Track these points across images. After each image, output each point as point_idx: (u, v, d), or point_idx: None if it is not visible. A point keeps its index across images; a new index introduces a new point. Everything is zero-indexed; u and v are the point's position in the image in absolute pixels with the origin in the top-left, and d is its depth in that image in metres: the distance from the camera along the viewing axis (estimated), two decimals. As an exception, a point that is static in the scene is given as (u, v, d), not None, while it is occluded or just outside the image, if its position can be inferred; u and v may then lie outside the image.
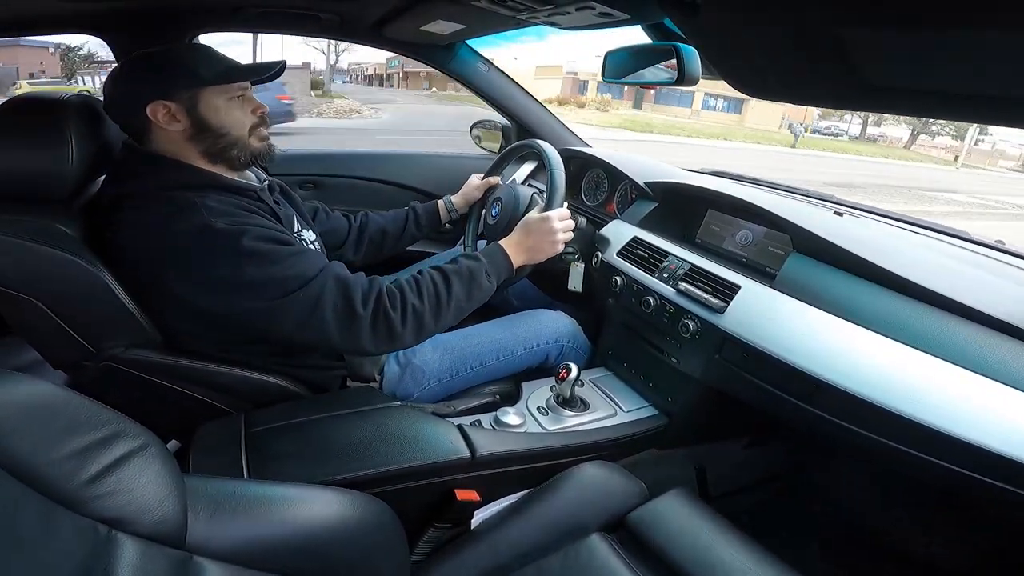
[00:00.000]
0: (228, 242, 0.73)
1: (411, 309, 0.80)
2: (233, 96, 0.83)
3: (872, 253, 0.81)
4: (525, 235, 0.99)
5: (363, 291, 0.79)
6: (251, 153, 0.86)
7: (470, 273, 0.87)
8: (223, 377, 0.83)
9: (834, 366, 0.74)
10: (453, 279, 0.85)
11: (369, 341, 0.78)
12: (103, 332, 0.76)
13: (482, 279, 0.88)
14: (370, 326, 0.77)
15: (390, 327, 0.78)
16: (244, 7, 1.19)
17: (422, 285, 0.83)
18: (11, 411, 0.41)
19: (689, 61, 0.93)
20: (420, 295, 0.82)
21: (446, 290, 0.84)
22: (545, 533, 0.78)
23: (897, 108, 0.51)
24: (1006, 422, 0.61)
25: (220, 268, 0.73)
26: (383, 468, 0.76)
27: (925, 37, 0.36)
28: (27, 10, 1.03)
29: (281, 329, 0.77)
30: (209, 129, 0.81)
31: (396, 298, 0.80)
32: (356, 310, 0.77)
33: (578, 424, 0.99)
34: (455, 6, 1.02)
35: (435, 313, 0.82)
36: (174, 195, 0.76)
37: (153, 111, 0.77)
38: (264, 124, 0.88)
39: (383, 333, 0.78)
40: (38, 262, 0.69)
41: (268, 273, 0.74)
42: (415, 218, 1.26)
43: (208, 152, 0.82)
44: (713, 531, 0.77)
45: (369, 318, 0.77)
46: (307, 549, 0.54)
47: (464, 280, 0.86)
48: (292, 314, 0.75)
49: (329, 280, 0.77)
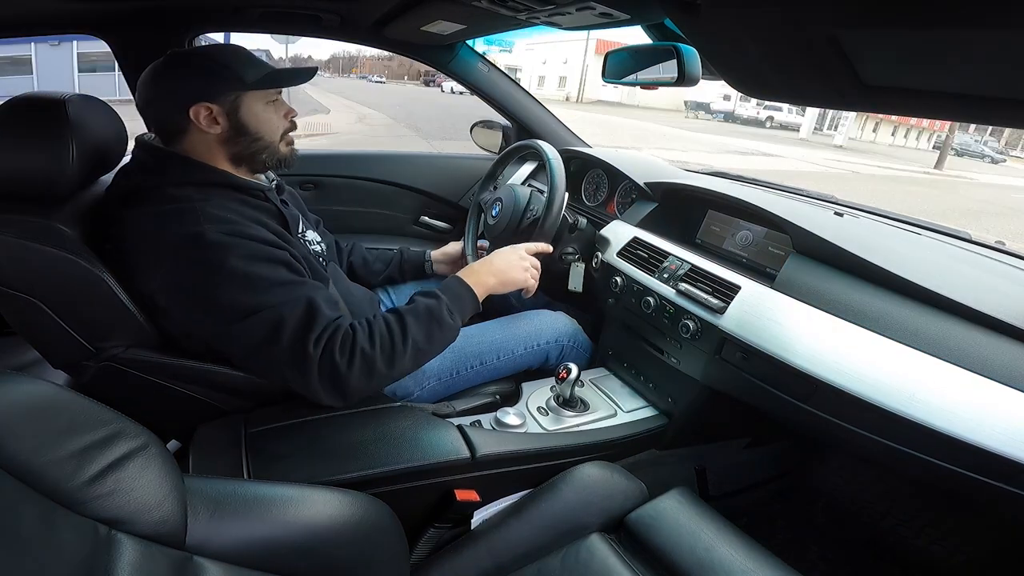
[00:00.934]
0: (214, 256, 0.71)
1: (360, 354, 0.73)
2: (270, 100, 0.84)
3: (872, 254, 0.81)
4: (491, 263, 0.95)
5: (317, 331, 0.73)
6: (278, 158, 0.87)
7: (428, 313, 0.81)
8: (223, 377, 0.83)
9: (834, 367, 0.74)
10: (409, 321, 0.79)
11: (316, 383, 0.73)
12: (103, 332, 0.76)
13: (443, 317, 0.82)
14: (317, 368, 0.72)
15: (337, 372, 0.72)
16: (245, 7, 1.19)
17: (375, 329, 0.76)
18: (11, 411, 0.41)
19: (689, 61, 0.93)
20: (371, 340, 0.75)
21: (401, 333, 0.77)
22: (545, 533, 0.78)
23: (896, 108, 0.51)
24: (1006, 422, 0.61)
25: (195, 278, 0.72)
26: (383, 468, 0.76)
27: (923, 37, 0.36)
28: (27, 10, 1.03)
29: (231, 352, 0.77)
30: (247, 133, 0.81)
31: (347, 343, 0.74)
32: (307, 349, 0.72)
33: (578, 424, 0.99)
34: (455, 6, 1.02)
35: (388, 359, 0.76)
36: (178, 194, 0.76)
37: (196, 112, 0.77)
38: (293, 128, 0.89)
39: (329, 377, 0.73)
40: (38, 262, 0.69)
41: (239, 299, 0.72)
42: (399, 261, 1.26)
43: (237, 155, 0.83)
44: (713, 531, 0.77)
45: (317, 360, 0.72)
46: (307, 549, 0.54)
47: (422, 321, 0.80)
48: (243, 339, 0.73)
49: (298, 309, 0.73)
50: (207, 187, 0.78)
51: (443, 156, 1.82)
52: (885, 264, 0.79)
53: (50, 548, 0.38)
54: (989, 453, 0.61)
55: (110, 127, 0.82)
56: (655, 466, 1.04)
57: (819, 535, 1.17)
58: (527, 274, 0.99)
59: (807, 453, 1.28)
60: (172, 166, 0.79)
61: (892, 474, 1.18)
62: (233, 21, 1.29)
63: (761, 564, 0.72)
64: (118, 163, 0.85)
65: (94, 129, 0.78)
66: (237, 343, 0.75)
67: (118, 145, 0.83)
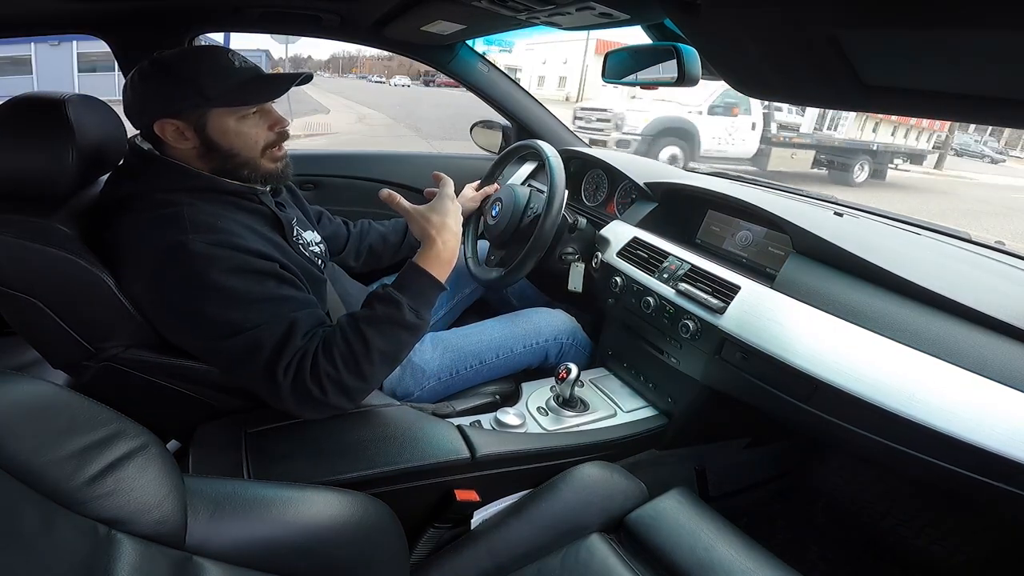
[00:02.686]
0: (196, 268, 0.69)
1: (326, 377, 0.72)
2: (247, 114, 0.78)
3: (872, 254, 0.81)
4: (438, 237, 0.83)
5: (291, 355, 0.72)
6: (261, 175, 0.82)
7: (390, 321, 0.77)
8: (223, 377, 0.83)
9: (834, 367, 0.74)
10: (369, 333, 0.75)
11: (292, 405, 0.73)
12: (103, 332, 0.76)
13: (404, 320, 0.77)
14: (291, 394, 0.72)
15: (310, 396, 0.72)
16: (245, 7, 1.19)
17: (333, 348, 0.74)
18: (11, 411, 0.41)
19: (689, 61, 0.93)
20: (332, 361, 0.73)
21: (363, 347, 0.74)
22: (545, 533, 0.78)
23: (896, 108, 0.51)
24: (1006, 423, 0.61)
25: (176, 291, 0.71)
26: (383, 468, 0.76)
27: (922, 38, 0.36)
28: (28, 10, 1.03)
29: (212, 363, 0.77)
30: (218, 149, 0.77)
31: (317, 367, 0.72)
32: (276, 377, 0.71)
33: (578, 424, 0.99)
34: (455, 6, 1.02)
35: (356, 373, 0.74)
36: (167, 199, 0.74)
37: (161, 128, 0.74)
38: (281, 140, 0.83)
39: (307, 401, 0.73)
40: (38, 262, 0.69)
41: (221, 315, 0.71)
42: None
43: (218, 170, 0.79)
44: (713, 531, 0.77)
45: (289, 387, 0.71)
46: (307, 549, 0.54)
47: (383, 330, 0.76)
48: (224, 356, 0.73)
49: (276, 332, 0.72)
50: (197, 192, 0.76)
51: (443, 156, 1.83)
52: (885, 264, 0.79)
53: (50, 548, 0.38)
54: (989, 453, 0.61)
55: (110, 127, 0.82)
56: (655, 466, 1.04)
57: (819, 535, 1.17)
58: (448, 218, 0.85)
59: (807, 453, 1.28)
60: (160, 171, 0.77)
61: (892, 474, 1.18)
62: (233, 21, 1.29)
63: (761, 564, 0.72)
64: (118, 163, 0.85)
65: (94, 129, 0.78)
66: (216, 358, 0.75)
67: (118, 145, 0.83)
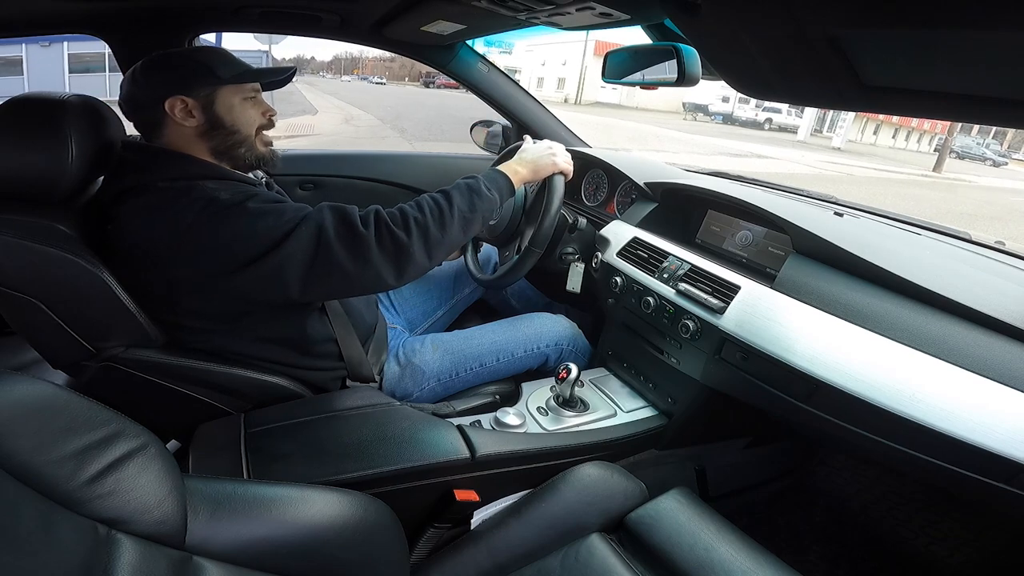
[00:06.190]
0: (234, 208, 0.75)
1: (414, 222, 0.80)
2: (247, 96, 0.86)
3: (872, 254, 0.81)
4: (521, 155, 1.03)
5: (360, 214, 0.79)
6: (256, 155, 0.88)
7: (468, 187, 0.89)
8: (223, 377, 0.83)
9: (834, 367, 0.74)
10: (453, 193, 0.87)
11: (380, 261, 0.78)
12: (103, 332, 0.76)
13: (480, 189, 0.89)
14: (376, 245, 0.77)
15: (396, 242, 0.78)
16: (245, 7, 1.19)
17: (421, 202, 0.84)
18: (11, 411, 0.41)
19: (689, 61, 0.93)
20: (421, 209, 0.83)
21: (447, 202, 0.85)
22: (544, 533, 0.78)
23: (896, 108, 0.51)
24: (1006, 423, 0.61)
25: (230, 226, 0.74)
26: (383, 468, 0.76)
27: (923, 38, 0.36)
28: (27, 10, 1.03)
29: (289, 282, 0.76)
30: (222, 126, 0.83)
31: (396, 216, 0.81)
32: (358, 231, 0.77)
33: (578, 424, 0.99)
34: (455, 6, 1.02)
35: (440, 223, 0.83)
36: (176, 183, 0.77)
37: (171, 105, 0.79)
38: (270, 126, 0.91)
39: (390, 250, 0.78)
40: (38, 262, 0.69)
41: (275, 224, 0.75)
42: None
43: (216, 149, 0.84)
44: (713, 531, 0.77)
45: (373, 236, 0.77)
46: (307, 549, 0.54)
47: (463, 192, 0.88)
48: (298, 256, 0.75)
49: (325, 211, 0.78)
50: (202, 177, 0.79)
51: (443, 156, 1.82)
52: (885, 264, 0.79)
53: (49, 548, 0.38)
54: (989, 453, 0.61)
55: (109, 127, 0.82)
56: (655, 466, 1.04)
57: (819, 535, 1.17)
58: (556, 159, 1.05)
59: (807, 453, 1.28)
60: (164, 161, 0.80)
61: (892, 474, 1.18)
62: (233, 21, 1.29)
63: (761, 564, 0.72)
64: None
65: (93, 129, 0.78)
66: (290, 267, 0.75)
67: (118, 145, 0.83)
